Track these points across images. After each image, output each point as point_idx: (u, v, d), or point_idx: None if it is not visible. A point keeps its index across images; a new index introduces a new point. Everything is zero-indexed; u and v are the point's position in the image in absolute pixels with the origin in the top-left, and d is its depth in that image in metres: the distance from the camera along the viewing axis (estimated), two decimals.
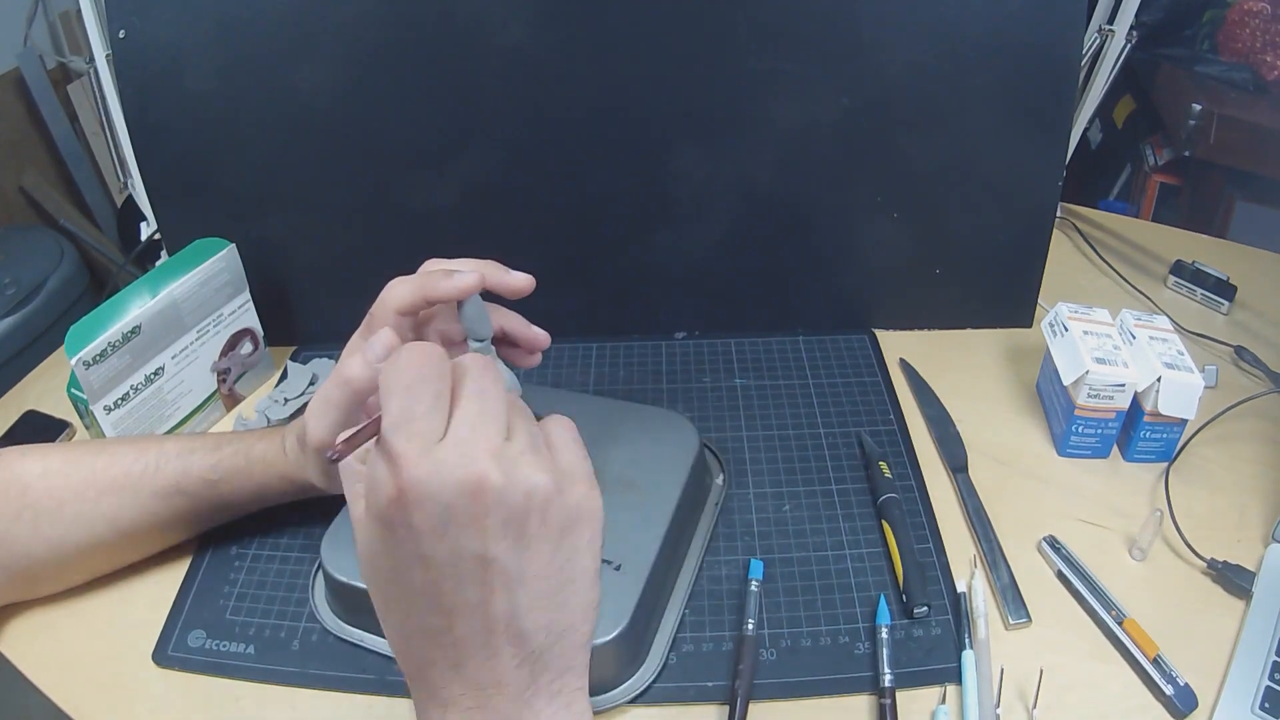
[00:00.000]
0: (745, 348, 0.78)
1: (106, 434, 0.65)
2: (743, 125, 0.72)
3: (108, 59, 0.74)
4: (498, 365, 0.49)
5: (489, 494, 0.33)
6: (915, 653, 0.54)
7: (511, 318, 0.50)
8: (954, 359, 0.77)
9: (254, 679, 0.54)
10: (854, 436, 0.69)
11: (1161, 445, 0.65)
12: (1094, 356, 0.63)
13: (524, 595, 0.35)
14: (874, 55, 0.69)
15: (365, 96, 0.71)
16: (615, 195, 0.75)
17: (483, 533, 0.34)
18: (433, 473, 0.33)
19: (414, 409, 0.34)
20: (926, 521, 0.62)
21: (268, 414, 0.71)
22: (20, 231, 1.62)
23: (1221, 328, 0.79)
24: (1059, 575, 0.58)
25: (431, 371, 0.35)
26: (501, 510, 0.34)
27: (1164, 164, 1.40)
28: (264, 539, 0.63)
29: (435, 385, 0.35)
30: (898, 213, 0.75)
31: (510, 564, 0.34)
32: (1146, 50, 1.23)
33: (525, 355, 0.51)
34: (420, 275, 0.46)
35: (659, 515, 0.55)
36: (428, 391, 0.35)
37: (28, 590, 0.58)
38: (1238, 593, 0.57)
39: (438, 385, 0.35)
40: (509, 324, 0.50)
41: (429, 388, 0.35)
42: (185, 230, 0.71)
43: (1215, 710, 0.50)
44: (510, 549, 0.34)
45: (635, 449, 0.59)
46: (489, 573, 0.34)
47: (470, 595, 0.34)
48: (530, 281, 0.47)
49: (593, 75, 0.70)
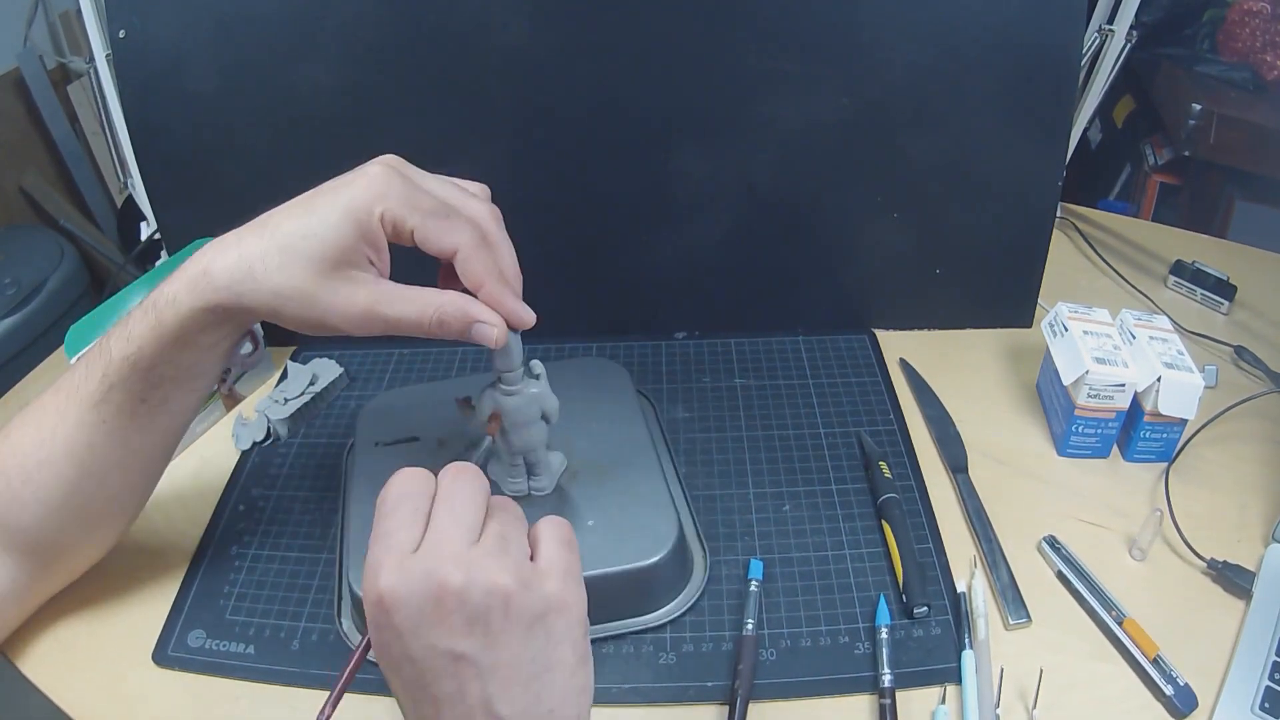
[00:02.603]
0: (745, 348, 0.78)
1: None
2: (743, 125, 0.72)
3: (108, 59, 0.74)
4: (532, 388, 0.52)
5: (451, 596, 0.37)
6: (915, 653, 0.54)
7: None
8: (954, 359, 0.77)
9: (254, 679, 0.54)
10: (854, 436, 0.69)
11: (1161, 445, 0.65)
12: (1094, 356, 0.63)
13: (495, 684, 0.38)
14: (874, 55, 0.69)
15: (365, 96, 0.71)
16: (615, 195, 0.75)
17: (450, 631, 0.37)
18: (403, 580, 0.37)
19: (394, 523, 0.39)
20: (926, 521, 0.62)
21: (268, 414, 0.71)
22: (20, 231, 1.62)
23: (1221, 328, 0.79)
24: (1059, 575, 0.58)
25: (414, 489, 0.40)
26: (465, 609, 0.37)
27: (1164, 164, 1.40)
28: (264, 539, 0.63)
29: (414, 502, 0.40)
30: (898, 213, 0.75)
31: (480, 657, 0.37)
32: (1146, 50, 1.24)
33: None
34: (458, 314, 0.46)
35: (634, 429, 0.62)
36: (407, 508, 0.39)
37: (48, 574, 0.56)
38: (1238, 593, 0.57)
39: (416, 502, 0.40)
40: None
41: (409, 504, 0.39)
42: (185, 230, 0.71)
43: (1215, 710, 0.50)
44: (478, 644, 0.37)
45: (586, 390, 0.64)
46: (460, 666, 0.37)
47: (448, 687, 0.37)
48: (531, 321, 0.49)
49: (593, 75, 0.70)
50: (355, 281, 0.45)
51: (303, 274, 0.44)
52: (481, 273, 0.46)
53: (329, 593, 0.59)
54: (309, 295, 0.45)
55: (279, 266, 0.44)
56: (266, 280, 0.45)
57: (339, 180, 0.46)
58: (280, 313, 0.46)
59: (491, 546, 0.38)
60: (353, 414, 0.73)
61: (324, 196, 0.45)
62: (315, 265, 0.44)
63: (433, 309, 0.45)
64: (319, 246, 0.44)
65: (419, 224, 0.45)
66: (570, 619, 0.39)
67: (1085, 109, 0.83)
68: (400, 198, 0.45)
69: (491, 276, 0.46)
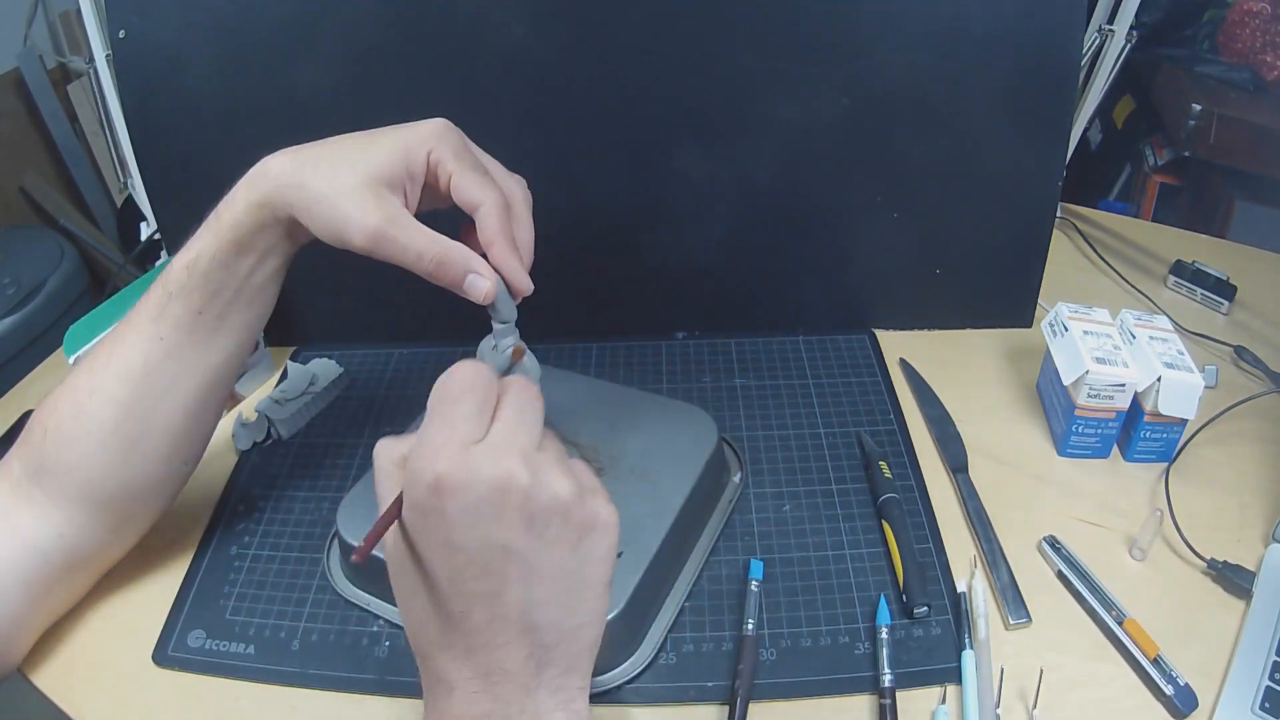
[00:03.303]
0: (745, 348, 0.78)
1: None
2: (743, 125, 0.72)
3: (108, 59, 0.74)
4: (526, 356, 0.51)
5: (517, 492, 0.37)
6: (915, 653, 0.54)
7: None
8: (954, 359, 0.77)
9: (254, 679, 0.54)
10: (854, 436, 0.69)
11: (1161, 445, 0.65)
12: (1094, 356, 0.63)
13: (539, 590, 0.38)
14: (874, 55, 0.69)
15: (365, 97, 0.71)
16: (615, 195, 0.75)
17: (509, 526, 0.37)
18: (468, 466, 0.37)
19: (457, 414, 0.38)
20: (926, 521, 0.62)
21: (268, 414, 0.71)
22: (20, 231, 1.62)
23: (1221, 328, 0.79)
24: (1059, 575, 0.58)
25: (479, 384, 0.40)
26: (527, 507, 0.37)
27: (1164, 164, 1.40)
28: (264, 539, 0.63)
29: (480, 396, 0.39)
30: (898, 213, 0.75)
31: (531, 557, 0.37)
32: (1146, 50, 1.23)
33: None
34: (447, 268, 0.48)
35: (668, 507, 0.56)
36: (472, 401, 0.39)
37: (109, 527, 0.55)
38: (1238, 593, 0.57)
39: (482, 397, 0.39)
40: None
41: (474, 398, 0.39)
42: (185, 230, 0.70)
43: (1215, 710, 0.50)
44: (532, 544, 0.37)
45: (652, 440, 0.60)
46: (510, 564, 0.37)
47: (488, 584, 0.37)
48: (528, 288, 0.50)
49: (593, 75, 0.70)
50: (382, 199, 0.47)
51: (344, 179, 0.47)
52: (497, 231, 0.48)
53: (329, 592, 0.59)
54: (339, 197, 0.47)
55: (328, 168, 0.48)
56: (311, 179, 0.48)
57: (401, 125, 0.50)
58: (311, 212, 0.48)
59: (554, 457, 0.40)
60: (353, 414, 0.73)
61: (384, 132, 0.49)
62: (357, 175, 0.47)
63: (439, 247, 0.47)
64: (366, 161, 0.48)
65: (458, 171, 0.48)
66: (610, 541, 0.40)
67: (1085, 109, 0.83)
68: (451, 147, 0.49)
69: (505, 238, 0.49)
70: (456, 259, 0.47)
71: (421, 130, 0.49)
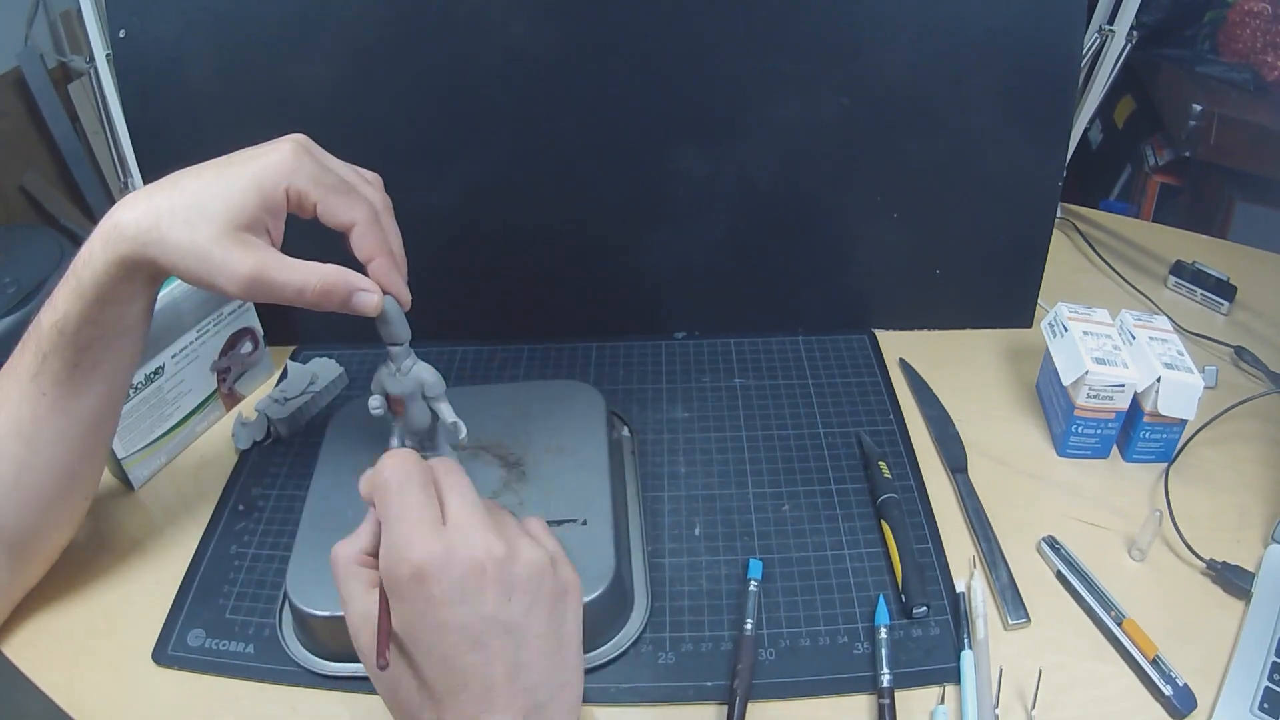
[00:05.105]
0: (745, 348, 0.78)
1: None
2: (743, 125, 0.72)
3: (108, 59, 0.74)
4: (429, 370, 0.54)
5: (494, 565, 0.40)
6: (914, 653, 0.54)
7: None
8: (954, 359, 0.77)
9: (254, 679, 0.54)
10: (854, 436, 0.69)
11: (1161, 445, 0.65)
12: (1094, 357, 0.63)
13: (525, 653, 0.40)
14: (874, 55, 0.69)
15: (365, 96, 0.71)
16: (615, 195, 0.75)
17: (492, 599, 0.39)
18: (443, 550, 0.39)
19: (408, 502, 0.41)
20: (926, 522, 0.62)
21: (268, 414, 0.71)
22: (20, 231, 1.62)
23: (1221, 328, 0.79)
24: (1058, 575, 0.58)
25: (414, 470, 0.42)
26: (505, 579, 0.40)
27: (1164, 164, 1.40)
28: (264, 539, 0.63)
29: (419, 480, 0.42)
30: (898, 213, 0.75)
31: (517, 625, 0.40)
32: (1146, 50, 1.24)
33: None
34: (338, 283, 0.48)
35: (599, 467, 0.60)
36: (415, 487, 0.41)
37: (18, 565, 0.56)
38: (1237, 593, 0.57)
39: (420, 479, 0.42)
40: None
41: (415, 483, 0.41)
42: None
43: (1214, 711, 0.50)
44: (518, 612, 0.40)
45: (550, 419, 0.64)
46: (496, 634, 0.39)
47: (478, 657, 0.39)
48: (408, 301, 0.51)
49: (593, 75, 0.70)
50: (248, 245, 0.46)
51: (203, 232, 0.46)
52: (375, 246, 0.49)
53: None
54: (205, 253, 0.46)
55: (184, 222, 0.46)
56: (170, 233, 0.46)
57: (251, 150, 0.49)
58: (178, 267, 0.47)
59: (516, 530, 0.42)
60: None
61: (235, 165, 0.48)
62: (216, 225, 0.46)
63: (317, 278, 0.47)
64: (223, 208, 0.46)
65: (322, 198, 0.48)
66: (578, 601, 0.44)
67: (1085, 109, 0.83)
68: (309, 174, 0.48)
69: (383, 251, 0.50)
70: (338, 283, 0.47)
71: (273, 163, 0.47)
